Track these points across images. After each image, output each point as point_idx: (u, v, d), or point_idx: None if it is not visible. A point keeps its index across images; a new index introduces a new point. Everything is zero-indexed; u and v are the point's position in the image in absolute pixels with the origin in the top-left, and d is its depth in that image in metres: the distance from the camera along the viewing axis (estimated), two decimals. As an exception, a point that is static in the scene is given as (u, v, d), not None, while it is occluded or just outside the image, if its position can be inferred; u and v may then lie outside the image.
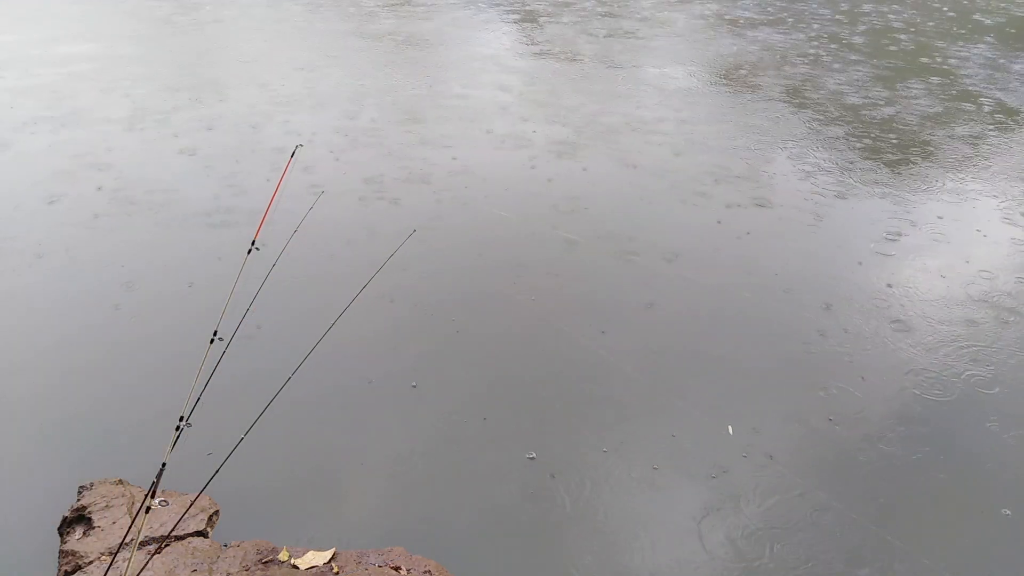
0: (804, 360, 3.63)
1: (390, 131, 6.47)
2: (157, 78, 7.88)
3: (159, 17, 10.81)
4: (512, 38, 10.03)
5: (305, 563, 2.36)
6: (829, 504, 2.82)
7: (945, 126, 6.69)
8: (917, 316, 3.96)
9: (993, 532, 2.75)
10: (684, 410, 3.29)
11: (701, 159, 5.93)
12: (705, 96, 7.57)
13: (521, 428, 3.18)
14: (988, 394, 3.41)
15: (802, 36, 9.90)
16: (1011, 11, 11.70)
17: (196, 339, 2.59)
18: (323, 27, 10.44)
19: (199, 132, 6.35)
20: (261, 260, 2.63)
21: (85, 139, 6.14)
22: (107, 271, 4.25)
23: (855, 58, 8.88)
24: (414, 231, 3.62)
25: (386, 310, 3.93)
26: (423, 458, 3.03)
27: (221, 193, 5.20)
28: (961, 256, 4.56)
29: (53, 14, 11.04)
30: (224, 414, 2.50)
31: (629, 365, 3.56)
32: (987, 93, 7.61)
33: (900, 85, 7.82)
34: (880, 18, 11.09)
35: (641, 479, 2.93)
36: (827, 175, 5.66)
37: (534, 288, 4.19)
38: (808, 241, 4.73)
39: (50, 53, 8.76)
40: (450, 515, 2.77)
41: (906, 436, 3.16)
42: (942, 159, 6.01)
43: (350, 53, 9.09)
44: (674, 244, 4.65)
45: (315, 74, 8.09)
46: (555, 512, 2.78)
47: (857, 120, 6.82)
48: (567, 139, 6.32)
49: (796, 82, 7.94)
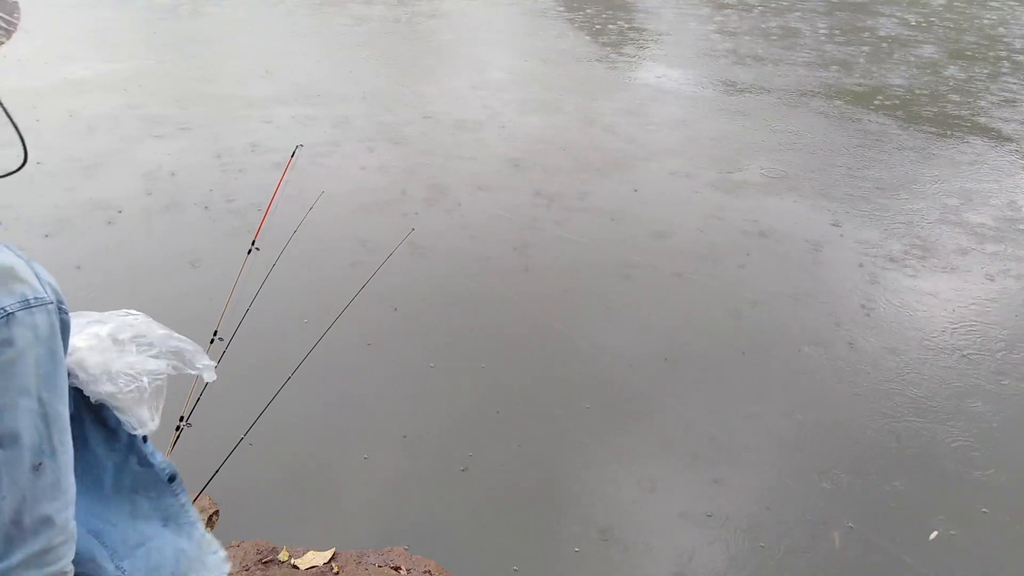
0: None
1: (390, 131, 6.47)
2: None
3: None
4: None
5: (305, 563, 2.36)
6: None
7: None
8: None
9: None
10: (682, 412, 3.30)
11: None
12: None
13: (522, 428, 3.19)
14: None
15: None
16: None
17: (196, 339, 2.58)
18: (316, 21, 10.45)
19: (198, 132, 6.35)
20: (261, 260, 2.63)
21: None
22: (104, 271, 4.26)
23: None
24: (412, 230, 3.63)
25: (386, 309, 3.93)
26: (423, 458, 3.03)
27: (222, 193, 5.21)
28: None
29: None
30: (224, 414, 2.50)
31: (632, 365, 3.56)
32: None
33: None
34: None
35: (642, 479, 2.93)
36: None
37: (536, 288, 4.19)
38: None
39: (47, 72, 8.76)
40: (450, 515, 2.77)
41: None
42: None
43: (351, 50, 9.08)
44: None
45: (315, 73, 8.09)
46: (556, 512, 2.79)
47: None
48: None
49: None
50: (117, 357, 1.05)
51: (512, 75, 8.23)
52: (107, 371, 1.03)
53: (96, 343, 1.05)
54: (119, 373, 1.04)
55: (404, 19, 10.71)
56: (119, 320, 1.12)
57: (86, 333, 1.07)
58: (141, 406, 1.06)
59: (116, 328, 1.09)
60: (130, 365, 1.05)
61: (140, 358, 1.07)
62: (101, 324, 1.09)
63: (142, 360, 1.08)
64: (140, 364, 1.07)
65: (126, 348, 1.07)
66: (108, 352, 1.04)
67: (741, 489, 2.90)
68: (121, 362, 1.04)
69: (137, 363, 1.06)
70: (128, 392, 1.04)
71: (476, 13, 11.37)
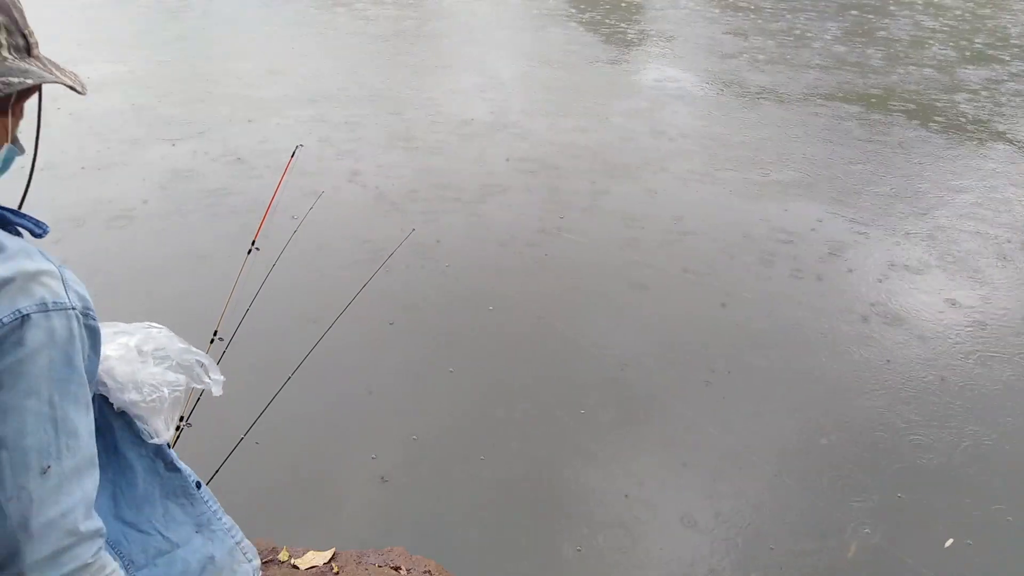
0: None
1: (390, 131, 6.47)
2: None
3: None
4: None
5: (305, 563, 2.36)
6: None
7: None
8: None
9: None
10: (682, 412, 3.30)
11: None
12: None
13: (523, 428, 3.19)
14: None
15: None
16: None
17: (196, 339, 2.58)
18: (323, 22, 10.46)
19: (199, 131, 6.35)
20: (261, 260, 2.64)
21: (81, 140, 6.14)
22: (106, 271, 4.26)
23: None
24: (413, 230, 3.63)
25: (386, 310, 3.93)
26: (424, 458, 3.03)
27: (222, 192, 5.21)
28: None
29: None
30: (224, 414, 2.50)
31: (635, 363, 3.56)
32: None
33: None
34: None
35: (641, 480, 2.93)
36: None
37: (538, 289, 4.19)
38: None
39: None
40: (450, 515, 2.77)
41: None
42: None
43: (352, 52, 9.09)
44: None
45: (322, 73, 8.09)
46: (557, 512, 2.78)
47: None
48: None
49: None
50: (141, 367, 1.10)
51: (520, 76, 8.21)
52: (133, 380, 1.08)
53: (125, 353, 1.10)
54: (144, 383, 1.09)
55: (412, 19, 10.70)
56: (144, 332, 1.18)
57: (116, 343, 1.12)
58: (158, 416, 1.11)
59: (142, 340, 1.15)
60: (153, 376, 1.11)
61: (160, 370, 1.13)
62: (128, 335, 1.15)
63: (162, 372, 1.14)
64: (161, 376, 1.13)
65: (148, 359, 1.13)
66: (134, 363, 1.10)
67: (743, 489, 2.90)
68: (145, 372, 1.10)
69: (158, 374, 1.12)
70: (150, 401, 1.09)
71: (485, 13, 11.37)
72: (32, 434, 0.71)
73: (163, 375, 1.14)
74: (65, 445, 0.74)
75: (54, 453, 0.73)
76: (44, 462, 0.72)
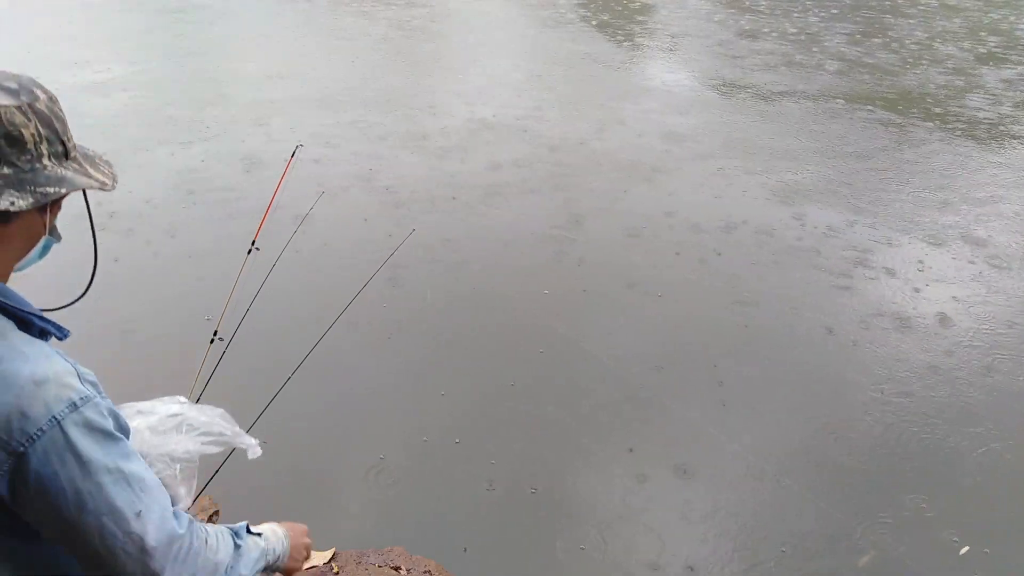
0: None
1: (389, 131, 6.47)
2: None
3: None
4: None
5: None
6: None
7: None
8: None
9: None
10: (682, 414, 3.30)
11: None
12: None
13: (524, 428, 3.19)
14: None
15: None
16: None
17: (196, 339, 2.59)
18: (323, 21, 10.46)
19: (199, 132, 6.35)
20: (261, 260, 2.64)
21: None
22: (106, 271, 4.26)
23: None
24: (413, 230, 3.63)
25: (386, 310, 3.93)
26: (424, 458, 3.03)
27: (223, 192, 5.21)
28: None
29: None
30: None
31: (636, 368, 3.56)
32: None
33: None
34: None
35: (642, 480, 2.93)
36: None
37: (538, 288, 4.19)
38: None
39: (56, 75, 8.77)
40: (450, 515, 2.77)
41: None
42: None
43: (358, 52, 9.08)
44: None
45: (327, 73, 8.09)
46: (557, 512, 2.78)
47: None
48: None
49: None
50: (151, 449, 1.24)
51: (528, 77, 8.20)
52: (146, 457, 1.19)
53: (136, 435, 1.22)
54: (156, 460, 1.23)
55: (420, 19, 10.68)
56: (162, 412, 1.31)
57: (131, 427, 1.22)
58: (177, 486, 1.25)
59: (158, 422, 1.29)
60: (166, 453, 1.25)
61: (170, 447, 1.27)
62: (143, 416, 1.29)
63: (174, 447, 1.27)
64: (173, 451, 1.26)
65: (165, 435, 1.28)
66: (144, 445, 1.24)
67: (745, 492, 2.90)
68: (156, 453, 1.24)
69: (171, 451, 1.26)
70: (164, 476, 1.22)
71: (493, 13, 11.36)
72: (117, 496, 0.93)
73: (174, 451, 1.26)
74: (140, 489, 0.96)
75: (137, 500, 0.95)
76: (135, 509, 0.94)
